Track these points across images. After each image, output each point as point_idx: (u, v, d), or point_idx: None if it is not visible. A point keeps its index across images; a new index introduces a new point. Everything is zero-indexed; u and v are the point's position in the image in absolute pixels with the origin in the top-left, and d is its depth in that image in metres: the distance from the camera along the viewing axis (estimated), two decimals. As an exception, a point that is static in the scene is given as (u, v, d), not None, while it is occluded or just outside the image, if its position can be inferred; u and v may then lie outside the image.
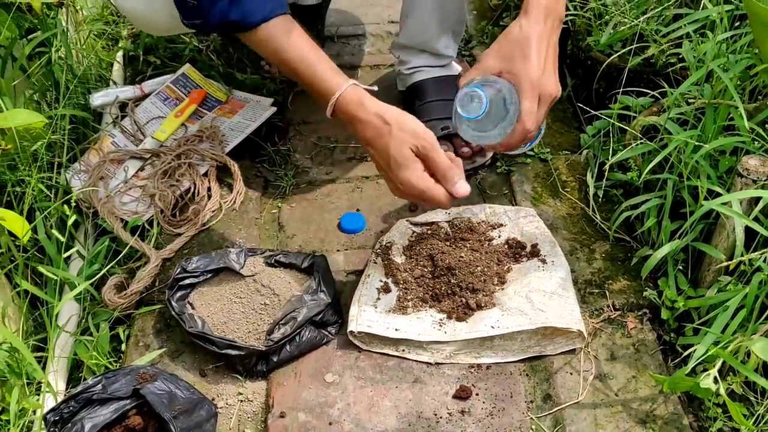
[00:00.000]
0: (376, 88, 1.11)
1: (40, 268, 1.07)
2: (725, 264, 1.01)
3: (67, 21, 1.47)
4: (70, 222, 1.08)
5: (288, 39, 1.05)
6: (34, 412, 1.01)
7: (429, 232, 1.21)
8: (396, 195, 1.08)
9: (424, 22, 1.37)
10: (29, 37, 1.35)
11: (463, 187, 1.03)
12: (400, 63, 1.48)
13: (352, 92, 1.04)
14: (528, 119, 1.03)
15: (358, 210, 1.31)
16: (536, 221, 1.23)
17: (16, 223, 1.01)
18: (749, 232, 1.00)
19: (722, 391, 0.89)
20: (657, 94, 1.25)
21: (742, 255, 0.98)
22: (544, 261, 1.16)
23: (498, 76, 1.05)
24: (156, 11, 1.22)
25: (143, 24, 1.32)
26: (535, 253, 1.18)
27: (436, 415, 1.00)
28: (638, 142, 1.18)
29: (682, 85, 1.11)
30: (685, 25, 1.21)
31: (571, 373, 1.05)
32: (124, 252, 1.20)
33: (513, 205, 1.30)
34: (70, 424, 0.92)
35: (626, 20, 1.36)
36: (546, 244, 1.19)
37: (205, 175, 1.33)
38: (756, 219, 0.99)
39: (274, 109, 1.44)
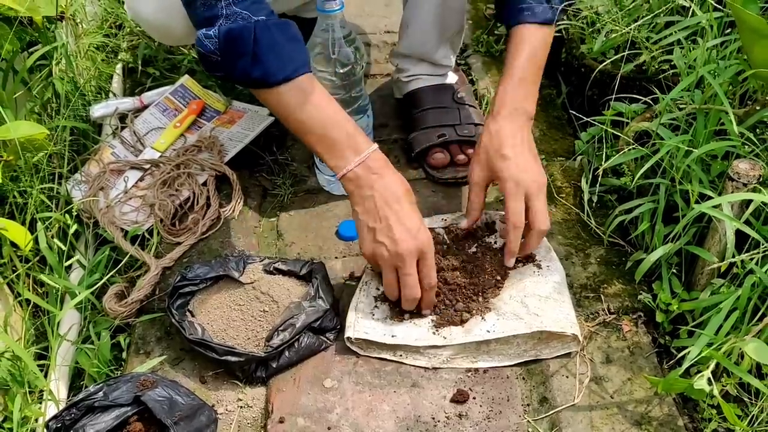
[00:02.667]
0: None
1: (42, 277, 1.08)
2: (717, 265, 1.03)
3: (67, 34, 1.49)
4: (71, 231, 1.10)
5: (312, 97, 1.07)
6: (36, 419, 1.02)
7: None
8: (392, 250, 1.05)
9: (425, 32, 1.39)
10: (30, 50, 1.37)
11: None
12: (398, 71, 1.50)
13: (380, 152, 1.09)
14: (513, 215, 1.09)
15: (355, 217, 1.32)
16: (531, 227, 1.24)
17: (18, 233, 1.03)
18: (742, 236, 1.01)
19: (716, 392, 0.90)
20: (649, 101, 1.27)
21: (733, 256, 0.99)
22: (539, 266, 1.17)
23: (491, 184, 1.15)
24: (173, 20, 1.24)
25: (159, 33, 1.33)
26: (530, 258, 1.19)
27: (433, 419, 1.01)
28: (631, 147, 1.20)
29: (672, 91, 1.12)
30: (675, 32, 1.23)
31: (567, 376, 1.06)
32: (124, 261, 1.22)
33: (509, 211, 1.31)
34: (71, 431, 0.94)
35: (618, 28, 1.38)
36: (541, 249, 1.20)
37: (204, 184, 1.35)
38: (747, 222, 1.00)
39: (272, 118, 1.46)
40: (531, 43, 1.14)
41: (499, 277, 1.16)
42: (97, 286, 1.16)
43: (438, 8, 1.34)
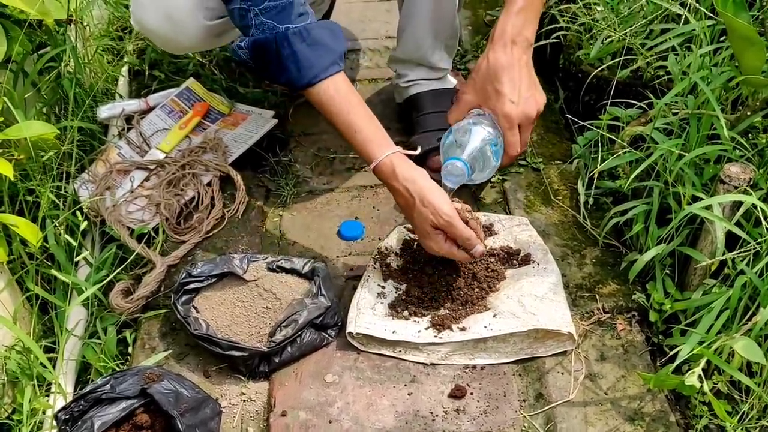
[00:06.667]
0: (417, 151, 1.22)
1: (53, 272, 1.11)
2: (708, 263, 1.05)
3: (76, 37, 1.52)
4: (81, 227, 1.13)
5: (333, 102, 1.14)
6: (44, 411, 1.05)
7: (425, 238, 1.25)
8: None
9: (419, 36, 1.42)
10: (39, 52, 1.39)
11: (479, 250, 1.12)
12: (397, 76, 1.53)
13: (387, 162, 1.13)
14: (512, 149, 1.16)
15: (356, 218, 1.35)
16: (529, 230, 1.27)
17: (29, 230, 1.06)
18: (735, 239, 1.04)
19: (706, 388, 0.92)
20: (644, 106, 1.30)
21: (723, 254, 1.02)
22: (536, 267, 1.20)
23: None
24: (177, 31, 1.28)
25: (165, 43, 1.36)
26: (527, 260, 1.22)
27: (432, 413, 1.04)
28: (625, 150, 1.23)
29: (666, 96, 1.15)
30: (670, 38, 1.26)
31: (562, 373, 1.09)
32: (130, 259, 1.24)
33: (507, 212, 1.34)
34: (80, 422, 0.96)
35: (614, 34, 1.41)
36: (538, 251, 1.23)
37: (209, 184, 1.37)
38: (738, 225, 1.03)
39: (276, 121, 1.49)
40: None
41: (497, 278, 1.19)
42: (103, 282, 1.19)
43: (431, 13, 1.38)
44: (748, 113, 1.09)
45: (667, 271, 1.17)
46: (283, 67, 1.13)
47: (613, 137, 1.28)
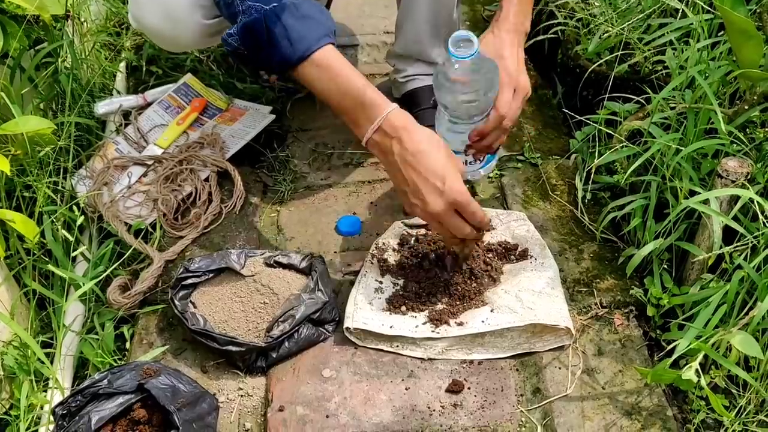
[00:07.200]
0: None
1: (50, 267, 1.11)
2: (705, 257, 1.05)
3: (73, 32, 1.52)
4: (78, 222, 1.12)
5: (327, 70, 1.10)
6: (42, 407, 1.05)
7: (423, 233, 1.25)
8: (425, 210, 1.06)
9: (419, 31, 1.42)
10: (36, 48, 1.39)
11: (485, 217, 1.08)
12: (395, 71, 1.53)
13: (402, 111, 1.09)
14: (503, 106, 1.15)
15: (354, 213, 1.35)
16: (527, 225, 1.27)
17: (26, 225, 1.06)
18: (733, 232, 1.04)
19: (704, 383, 0.92)
20: (642, 100, 1.30)
21: (720, 249, 1.02)
22: (533, 262, 1.20)
23: None
24: (178, 28, 1.27)
25: (165, 42, 1.35)
26: (524, 255, 1.22)
27: (429, 408, 1.04)
28: (623, 145, 1.22)
29: (663, 90, 1.15)
30: (667, 33, 1.26)
31: (559, 368, 1.09)
32: (127, 254, 1.24)
33: (504, 208, 1.34)
34: (77, 417, 0.96)
35: (612, 29, 1.40)
36: (536, 246, 1.23)
37: (206, 180, 1.37)
38: (736, 219, 1.03)
39: (273, 116, 1.49)
40: None
41: (494, 273, 1.19)
42: (101, 278, 1.19)
43: (430, 7, 1.38)
44: (746, 107, 1.09)
45: (665, 266, 1.17)
46: (275, 44, 1.09)
47: (610, 132, 1.28)
